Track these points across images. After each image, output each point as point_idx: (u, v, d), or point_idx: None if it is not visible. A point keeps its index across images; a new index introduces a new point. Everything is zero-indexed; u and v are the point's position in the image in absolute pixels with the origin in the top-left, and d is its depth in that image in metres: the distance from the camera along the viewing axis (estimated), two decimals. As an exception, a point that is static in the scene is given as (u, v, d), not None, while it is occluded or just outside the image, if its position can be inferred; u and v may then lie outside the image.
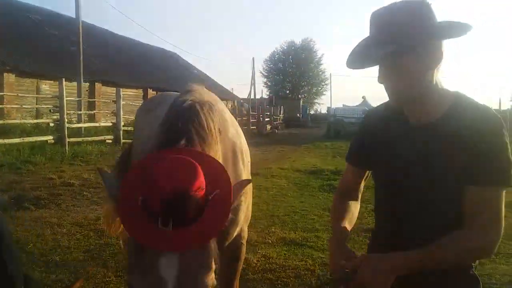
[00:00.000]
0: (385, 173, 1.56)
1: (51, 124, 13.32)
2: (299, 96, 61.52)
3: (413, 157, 1.44)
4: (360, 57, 1.41)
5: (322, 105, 71.16)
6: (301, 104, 48.42)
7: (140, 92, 27.60)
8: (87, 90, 22.60)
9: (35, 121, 14.88)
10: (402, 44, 1.31)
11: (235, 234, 2.34)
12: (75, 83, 18.52)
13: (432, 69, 1.37)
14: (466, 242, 1.34)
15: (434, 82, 1.40)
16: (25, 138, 12.18)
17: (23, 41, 21.73)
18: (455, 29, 1.33)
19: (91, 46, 25.30)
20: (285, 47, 65.84)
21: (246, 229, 2.50)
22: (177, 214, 1.20)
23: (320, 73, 65.42)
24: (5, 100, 16.99)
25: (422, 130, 1.44)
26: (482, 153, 1.31)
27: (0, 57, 18.67)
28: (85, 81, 20.03)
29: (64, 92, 13.11)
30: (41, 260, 4.38)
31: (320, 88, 67.69)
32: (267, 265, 4.30)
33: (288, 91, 64.51)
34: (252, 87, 40.92)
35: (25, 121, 14.59)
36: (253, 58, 45.24)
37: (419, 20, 1.31)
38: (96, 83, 23.66)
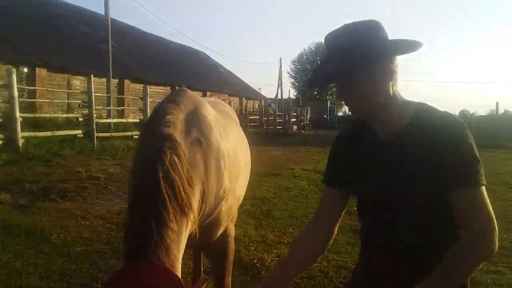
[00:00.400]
0: (363, 188, 1.59)
1: (80, 119, 13.67)
2: (327, 97, 61.11)
3: (386, 169, 1.49)
4: (317, 78, 1.52)
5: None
6: (328, 105, 48.07)
7: (168, 89, 27.99)
8: (116, 87, 23.10)
9: (65, 115, 15.31)
10: (352, 63, 1.39)
11: (219, 234, 2.42)
12: (105, 79, 18.95)
13: (385, 84, 1.44)
14: (472, 250, 1.35)
15: (391, 95, 1.46)
16: (55, 131, 12.56)
17: (56, 37, 22.39)
18: (403, 46, 1.42)
19: (122, 44, 25.85)
20: (313, 48, 65.62)
21: (232, 227, 2.56)
22: None
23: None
24: (37, 94, 17.53)
25: (389, 142, 1.49)
26: (452, 158, 1.35)
27: (33, 52, 19.30)
28: (114, 78, 20.49)
29: (93, 88, 13.44)
30: (64, 251, 4.53)
31: (348, 90, 67.00)
32: (281, 265, 4.32)
33: (315, 92, 64.20)
34: (279, 88, 40.77)
35: (56, 115, 15.03)
36: (280, 59, 44.96)
37: (368, 39, 1.40)
38: (125, 80, 24.14)
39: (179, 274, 1.66)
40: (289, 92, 42.37)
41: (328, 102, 50.05)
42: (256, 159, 13.31)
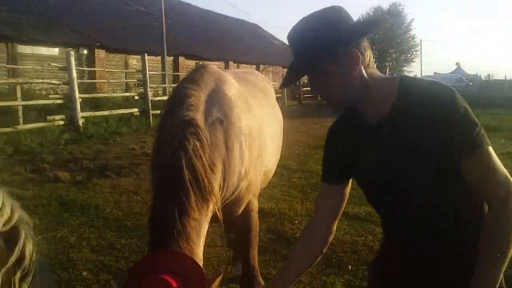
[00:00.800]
0: (365, 179, 1.52)
1: (136, 97, 14.11)
2: (386, 64, 59.01)
3: (384, 155, 1.40)
4: (288, 77, 1.47)
5: (410, 73, 67.53)
6: (387, 72, 46.43)
7: (222, 64, 28.19)
8: (171, 64, 23.54)
9: (122, 94, 15.86)
10: (315, 56, 1.34)
11: (241, 209, 2.43)
12: (160, 57, 19.39)
13: (355, 69, 1.35)
14: (503, 216, 1.25)
15: (367, 78, 1.38)
16: (113, 110, 13.06)
17: (113, 18, 23.09)
18: (366, 27, 1.41)
19: (176, 21, 26.20)
20: (371, 13, 63.01)
21: (254, 201, 2.56)
22: None
23: (410, 39, 61.96)
24: (96, 75, 18.26)
25: (381, 126, 1.40)
26: (448, 127, 1.26)
27: (92, 34, 20.03)
28: (169, 56, 20.89)
29: (147, 67, 13.78)
30: (115, 226, 4.73)
31: (409, 55, 64.31)
32: (324, 239, 4.26)
33: (374, 59, 62.05)
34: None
35: (114, 94, 15.61)
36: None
37: (328, 28, 1.34)
38: (179, 57, 24.54)
39: (198, 259, 1.74)
40: (345, 60, 41.17)
41: (387, 69, 48.32)
42: (307, 131, 13.20)
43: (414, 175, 1.33)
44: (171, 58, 23.44)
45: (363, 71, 1.37)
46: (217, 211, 1.95)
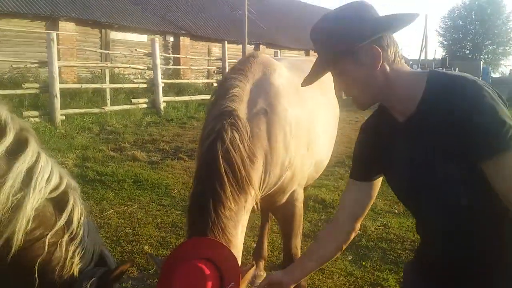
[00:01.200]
0: (394, 177, 1.46)
1: (215, 84, 14.54)
2: (481, 56, 55.06)
3: (411, 152, 1.34)
4: (309, 75, 1.45)
5: (508, 67, 62.45)
6: (481, 65, 43.21)
7: (302, 53, 28.04)
8: (252, 52, 23.88)
9: (201, 81, 16.43)
10: (333, 51, 1.32)
11: (284, 199, 2.40)
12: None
13: (375, 66, 1.28)
14: None
15: (391, 74, 1.31)
16: (192, 96, 13.57)
17: (197, 6, 23.84)
18: (390, 23, 1.31)
19: (258, 9, 26.39)
20: (467, 2, 58.98)
21: (300, 191, 2.50)
22: None
23: (509, 30, 57.15)
24: (181, 61, 19.02)
25: (408, 124, 1.33)
26: (471, 126, 1.17)
27: (178, 22, 20.86)
28: (250, 44, 21.17)
29: (227, 55, 14.12)
30: (180, 205, 4.94)
31: (508, 48, 59.45)
32: (384, 235, 4.14)
33: (468, 51, 58.27)
34: (423, 49, 37.71)
35: (195, 81, 16.20)
36: (426, 16, 41.12)
37: (345, 25, 1.31)
38: (260, 45, 24.78)
39: (235, 249, 1.78)
40: (435, 52, 38.97)
41: (481, 62, 45.01)
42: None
43: (440, 175, 1.27)
44: (252, 46, 23.74)
45: (387, 67, 1.31)
46: (255, 204, 1.97)
